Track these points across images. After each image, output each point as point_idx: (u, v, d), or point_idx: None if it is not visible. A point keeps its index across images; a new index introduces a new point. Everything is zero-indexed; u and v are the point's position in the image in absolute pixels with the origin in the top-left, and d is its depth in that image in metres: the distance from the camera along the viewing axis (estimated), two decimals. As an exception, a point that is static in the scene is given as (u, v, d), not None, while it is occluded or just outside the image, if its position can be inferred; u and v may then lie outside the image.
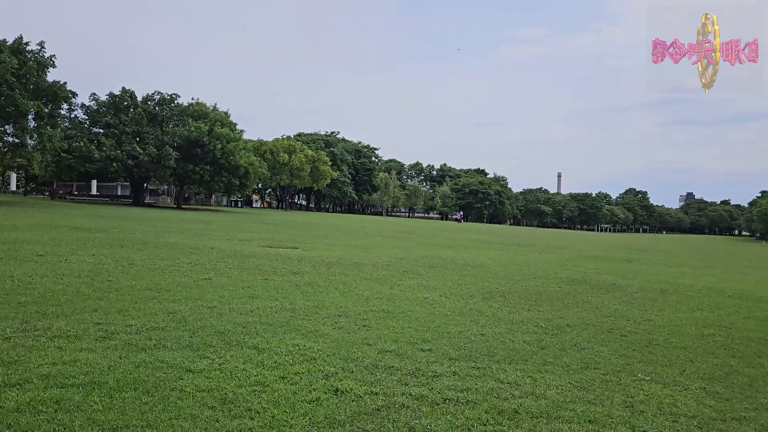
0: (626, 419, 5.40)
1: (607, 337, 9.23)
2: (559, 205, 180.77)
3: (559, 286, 15.55)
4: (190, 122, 59.98)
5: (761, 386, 6.88)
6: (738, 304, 14.26)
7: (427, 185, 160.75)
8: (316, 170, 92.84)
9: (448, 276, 16.10)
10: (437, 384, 6.06)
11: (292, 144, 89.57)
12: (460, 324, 9.50)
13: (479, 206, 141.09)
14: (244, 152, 64.52)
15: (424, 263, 18.91)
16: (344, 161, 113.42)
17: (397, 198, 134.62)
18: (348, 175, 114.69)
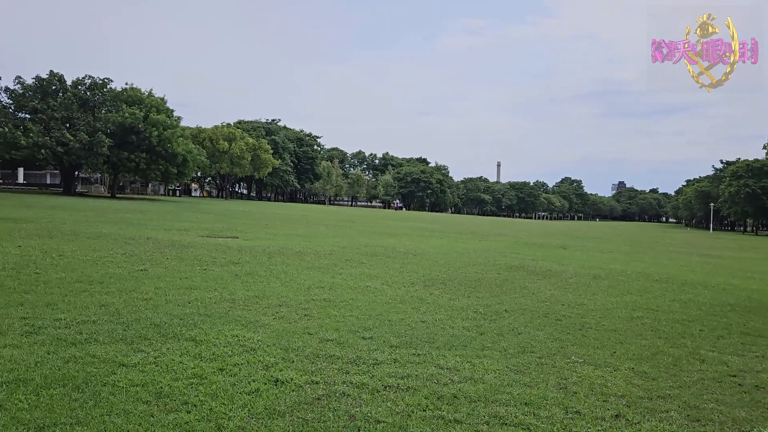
0: (560, 400, 5.59)
1: (543, 322, 9.51)
2: (499, 194, 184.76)
3: (498, 272, 15.90)
4: (124, 108, 57.73)
5: (684, 365, 7.25)
6: (664, 288, 14.97)
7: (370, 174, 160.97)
8: (257, 158, 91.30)
9: (390, 264, 16.19)
10: (378, 371, 6.10)
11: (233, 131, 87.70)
12: (401, 311, 9.58)
13: (421, 195, 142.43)
14: (181, 140, 62.70)
15: (366, 252, 18.95)
16: (286, 149, 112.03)
17: (339, 187, 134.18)
18: (290, 164, 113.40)
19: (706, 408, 5.63)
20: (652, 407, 5.57)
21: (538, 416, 5.14)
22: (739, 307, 12.50)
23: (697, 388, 6.28)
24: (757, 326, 10.30)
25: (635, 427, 5.04)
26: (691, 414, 5.44)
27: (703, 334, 9.35)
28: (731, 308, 12.30)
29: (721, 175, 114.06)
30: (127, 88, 62.93)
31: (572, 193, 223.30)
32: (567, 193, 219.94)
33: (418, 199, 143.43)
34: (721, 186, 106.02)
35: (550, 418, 5.12)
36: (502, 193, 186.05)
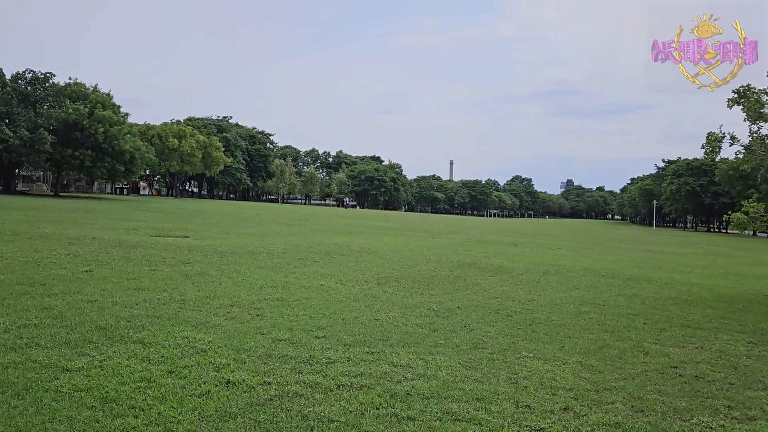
0: (511, 395, 5.69)
1: (494, 318, 9.66)
2: (452, 192, 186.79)
3: (451, 270, 16.07)
4: (68, 104, 55.70)
5: (629, 358, 7.50)
6: (610, 283, 15.44)
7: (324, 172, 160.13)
8: (208, 156, 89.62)
9: (344, 262, 16.17)
10: (331, 370, 6.08)
11: (183, 129, 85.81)
12: (355, 310, 9.57)
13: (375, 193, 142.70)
14: (129, 137, 61.00)
15: (320, 250, 18.86)
16: (238, 147, 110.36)
17: (293, 185, 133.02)
18: (242, 162, 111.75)
19: (649, 399, 5.83)
20: (598, 399, 5.74)
21: (490, 411, 5.22)
22: (679, 301, 13.00)
23: (641, 380, 6.49)
24: (696, 319, 10.74)
25: (582, 419, 5.17)
26: (635, 405, 5.62)
27: (647, 327, 9.69)
28: (672, 302, 12.79)
29: (663, 173, 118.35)
30: (71, 83, 60.74)
31: (523, 191, 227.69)
32: (518, 191, 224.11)
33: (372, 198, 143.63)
34: (663, 184, 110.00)
35: (501, 412, 5.21)
36: (455, 192, 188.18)
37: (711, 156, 14.19)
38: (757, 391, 6.28)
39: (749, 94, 12.93)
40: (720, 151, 13.68)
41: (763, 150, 13.13)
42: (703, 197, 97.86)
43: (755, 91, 12.96)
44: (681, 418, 5.33)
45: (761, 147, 13.13)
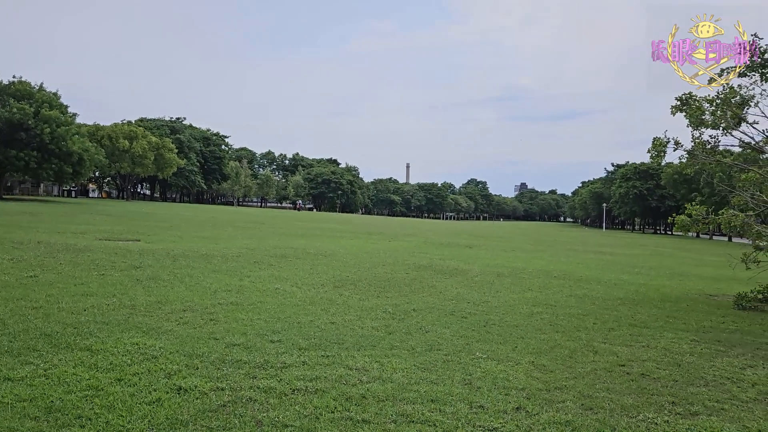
0: (465, 396, 5.76)
1: (449, 320, 9.76)
2: (408, 195, 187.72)
3: (407, 272, 16.15)
4: (12, 103, 53.56)
5: (579, 357, 7.69)
6: (562, 284, 15.79)
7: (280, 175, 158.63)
8: (160, 158, 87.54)
9: (300, 266, 16.06)
10: (286, 375, 6.03)
11: (134, 129, 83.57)
12: (310, 313, 9.52)
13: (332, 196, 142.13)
14: (77, 137, 59.01)
15: (276, 253, 18.68)
16: (192, 149, 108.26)
17: (248, 187, 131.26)
18: (196, 164, 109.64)
19: (598, 397, 5.99)
20: (549, 398, 5.86)
21: (444, 412, 5.27)
22: (628, 301, 13.40)
23: (591, 378, 6.66)
24: (644, 318, 11.09)
25: (534, 418, 5.28)
26: (585, 403, 5.76)
27: (596, 327, 9.95)
28: (621, 302, 13.17)
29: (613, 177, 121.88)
30: (15, 82, 58.38)
31: (478, 194, 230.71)
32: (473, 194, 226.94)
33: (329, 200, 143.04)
34: (613, 187, 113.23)
35: (455, 413, 5.27)
36: (411, 194, 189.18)
37: (657, 160, 14.67)
38: (699, 387, 6.53)
39: (691, 101, 13.44)
40: (665, 155, 14.17)
41: (704, 155, 13.67)
42: (650, 200, 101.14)
43: (697, 98, 13.49)
44: (628, 415, 5.49)
45: (703, 152, 13.66)
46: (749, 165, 14.10)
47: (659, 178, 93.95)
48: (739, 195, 14.04)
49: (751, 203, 13.64)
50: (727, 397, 6.16)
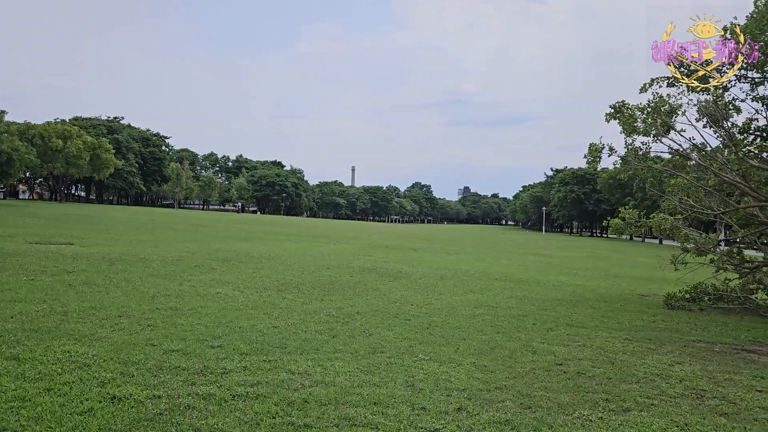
0: (407, 398, 5.79)
1: (393, 322, 9.81)
2: (354, 198, 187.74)
3: (351, 275, 16.14)
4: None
5: (519, 357, 7.86)
6: (503, 286, 16.13)
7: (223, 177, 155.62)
8: (97, 158, 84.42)
9: (243, 269, 15.80)
10: (226, 381, 5.91)
11: (68, 129, 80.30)
12: (253, 317, 9.38)
13: (276, 198, 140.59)
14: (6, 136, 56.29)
15: (218, 257, 18.31)
16: (130, 149, 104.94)
17: (190, 189, 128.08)
18: (135, 165, 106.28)
19: (536, 395, 6.13)
20: (490, 398, 5.97)
21: (387, 415, 5.29)
22: (565, 302, 13.81)
23: (529, 378, 6.82)
24: (580, 318, 11.45)
25: (475, 418, 5.36)
26: (524, 402, 5.89)
27: (536, 327, 10.20)
28: (559, 303, 13.56)
29: (552, 181, 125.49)
30: (-63, 76, 55.21)
31: (422, 197, 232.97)
32: (418, 198, 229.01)
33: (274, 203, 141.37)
34: (552, 191, 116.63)
35: (397, 415, 5.29)
36: (357, 197, 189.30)
37: (593, 165, 15.20)
38: (631, 384, 6.79)
39: (624, 109, 14.00)
40: (600, 160, 14.70)
41: (636, 161, 14.25)
42: (586, 204, 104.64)
43: (629, 106, 14.06)
44: (564, 413, 5.65)
45: (635, 158, 14.24)
46: (678, 171, 14.79)
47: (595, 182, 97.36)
48: (669, 199, 14.71)
49: (679, 207, 14.30)
50: (656, 393, 6.42)
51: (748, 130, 14.29)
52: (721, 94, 13.62)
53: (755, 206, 13.76)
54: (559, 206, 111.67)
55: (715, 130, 13.87)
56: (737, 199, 14.89)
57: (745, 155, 13.91)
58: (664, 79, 13.46)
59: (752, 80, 12.83)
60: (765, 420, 5.66)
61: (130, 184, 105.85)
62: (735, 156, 13.79)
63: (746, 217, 14.55)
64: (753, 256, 15.19)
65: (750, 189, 13.23)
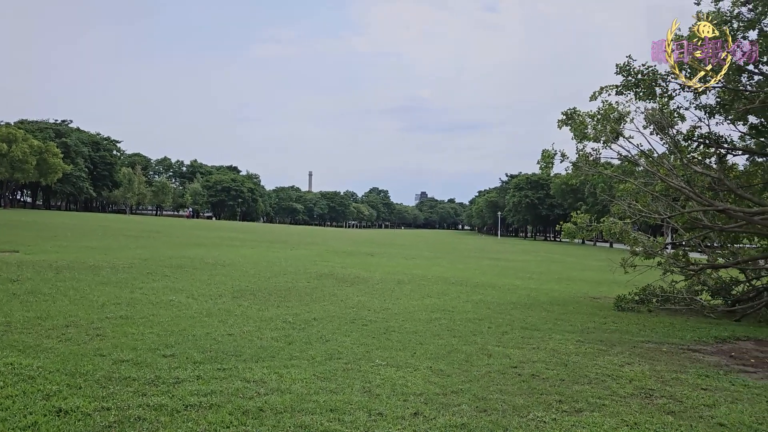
0: (364, 404, 5.77)
1: (350, 328, 9.77)
2: (311, 203, 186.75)
3: (308, 281, 16.03)
4: None
5: (475, 361, 7.94)
6: (459, 290, 16.29)
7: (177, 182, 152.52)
8: (44, 163, 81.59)
9: (197, 276, 15.50)
10: (179, 391, 5.77)
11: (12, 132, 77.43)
12: (207, 325, 9.20)
13: (232, 204, 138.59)
14: (-56, 139, 53.86)
15: (171, 264, 17.92)
16: (80, 154, 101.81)
17: (143, 195, 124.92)
18: (85, 170, 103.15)
19: (491, 398, 6.20)
20: (446, 402, 6.00)
21: (343, 421, 5.25)
22: (520, 305, 14.03)
23: (485, 381, 6.89)
24: (534, 321, 11.65)
25: (431, 422, 5.38)
26: (479, 405, 5.95)
27: (491, 330, 10.33)
28: (514, 306, 13.77)
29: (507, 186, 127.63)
30: None
31: (380, 202, 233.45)
32: (375, 203, 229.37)
33: (229, 209, 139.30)
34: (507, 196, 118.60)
35: (354, 422, 5.26)
36: (314, 203, 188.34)
37: (546, 171, 15.55)
38: (584, 385, 6.93)
39: (575, 116, 14.38)
40: (553, 166, 15.05)
41: (587, 166, 14.64)
42: (540, 209, 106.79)
43: (580, 113, 14.44)
44: (519, 415, 5.73)
45: (586, 164, 14.63)
46: (626, 176, 15.26)
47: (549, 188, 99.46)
48: (618, 204, 15.15)
49: (628, 212, 14.75)
50: (607, 393, 6.58)
51: (692, 138, 14.85)
52: (666, 103, 14.12)
53: (699, 210, 14.30)
54: (513, 211, 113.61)
55: (662, 137, 14.37)
56: (682, 204, 15.45)
57: (690, 161, 14.45)
58: (612, 88, 13.88)
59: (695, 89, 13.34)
60: (709, 417, 5.86)
61: (79, 189, 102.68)
62: (680, 162, 14.32)
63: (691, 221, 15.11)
64: (697, 258, 15.77)
65: (694, 194, 13.74)
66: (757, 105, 12.49)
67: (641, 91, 13.72)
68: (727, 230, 14.46)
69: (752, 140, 14.86)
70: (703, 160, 15.22)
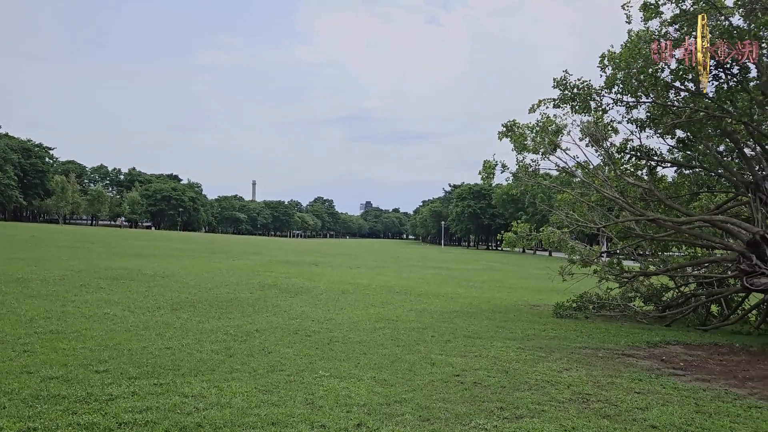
0: (306, 416, 5.69)
1: (293, 339, 9.65)
2: (254, 213, 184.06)
3: (251, 291, 15.76)
4: None
5: (418, 370, 7.97)
6: (403, 299, 16.36)
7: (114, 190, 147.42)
8: (-33, 170, 77.34)
9: (134, 288, 14.99)
10: (112, 408, 5.54)
11: (-67, 137, 73.09)
12: (144, 339, 8.90)
13: (173, 213, 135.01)
14: None
15: (107, 275, 17.27)
16: (8, 161, 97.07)
17: (77, 204, 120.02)
18: (14, 178, 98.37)
19: (434, 407, 6.23)
20: (389, 412, 5.99)
21: (285, 434, 5.17)
22: (463, 313, 14.21)
23: (428, 390, 6.93)
24: (476, 329, 11.82)
25: (374, 432, 5.36)
26: (423, 414, 5.97)
27: (434, 339, 10.41)
28: (457, 314, 13.93)
29: (450, 196, 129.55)
30: None
31: (325, 212, 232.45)
32: (320, 212, 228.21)
33: (170, 218, 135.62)
34: (450, 206, 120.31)
35: (296, 434, 5.18)
36: (258, 212, 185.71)
37: (487, 181, 15.87)
38: (524, 391, 7.07)
39: (515, 128, 14.76)
40: (494, 176, 15.39)
41: (527, 177, 15.04)
42: (483, 218, 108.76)
43: (520, 125, 14.84)
44: (461, 423, 5.78)
45: (525, 174, 15.02)
46: (564, 187, 15.76)
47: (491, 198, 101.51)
48: (556, 214, 15.61)
49: (566, 221, 15.21)
50: (547, 399, 6.72)
51: (625, 150, 15.47)
52: (600, 116, 14.68)
53: (631, 220, 14.89)
54: (457, 221, 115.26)
55: (597, 150, 14.92)
56: (617, 214, 16.06)
57: (623, 173, 15.05)
58: (550, 101, 14.33)
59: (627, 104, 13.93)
60: (642, 420, 6.07)
61: (8, 198, 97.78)
62: (614, 173, 14.89)
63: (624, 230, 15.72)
64: (631, 266, 16.40)
65: (627, 204, 14.31)
66: (683, 120, 13.14)
67: (577, 105, 14.21)
68: (658, 239, 15.11)
69: (680, 153, 15.61)
70: (635, 172, 15.87)
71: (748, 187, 13.05)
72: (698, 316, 14.68)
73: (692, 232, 14.12)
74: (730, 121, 13.02)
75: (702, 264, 15.30)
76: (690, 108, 12.99)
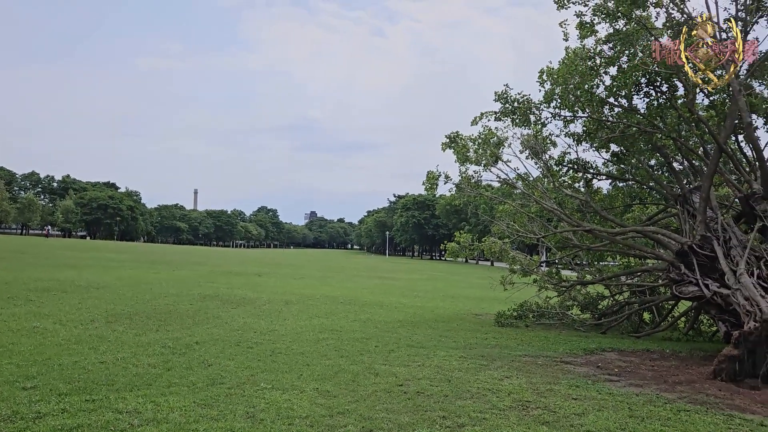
0: (247, 430, 5.58)
1: (234, 351, 9.45)
2: (196, 222, 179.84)
3: (191, 303, 15.37)
4: None
5: (362, 380, 7.94)
6: (348, 309, 16.31)
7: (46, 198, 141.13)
8: None
9: (66, 300, 14.37)
10: (40, 426, 5.28)
11: None
12: (76, 353, 8.53)
13: (109, 222, 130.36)
14: None
15: (37, 287, 16.48)
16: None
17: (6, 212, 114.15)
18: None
19: (377, 418, 6.22)
20: (332, 424, 5.94)
21: (224, 449, 5.04)
22: (406, 323, 14.28)
23: (372, 400, 6.91)
24: (420, 339, 11.89)
25: (316, 445, 5.30)
26: (366, 425, 5.95)
27: (378, 349, 10.41)
28: (401, 324, 13.99)
29: (395, 207, 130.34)
30: None
31: (269, 221, 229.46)
32: (264, 222, 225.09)
33: (106, 227, 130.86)
34: (395, 216, 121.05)
35: (236, 449, 5.07)
36: (200, 222, 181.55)
37: (431, 192, 16.08)
38: (466, 400, 7.15)
39: (458, 140, 15.03)
40: (437, 187, 15.60)
41: (469, 188, 15.32)
42: (426, 229, 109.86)
43: (463, 137, 15.12)
44: (404, 432, 5.79)
45: (468, 186, 15.30)
46: (505, 198, 16.12)
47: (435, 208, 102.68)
48: (498, 224, 15.94)
49: (507, 232, 15.56)
50: (488, 407, 6.81)
51: (563, 163, 15.98)
52: (540, 130, 15.13)
53: (569, 230, 15.37)
54: (401, 231, 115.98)
55: (536, 162, 15.36)
56: (555, 225, 16.57)
57: (561, 185, 15.55)
58: (492, 114, 14.67)
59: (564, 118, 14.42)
60: (579, 425, 6.24)
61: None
62: (552, 185, 15.35)
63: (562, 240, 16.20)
64: (569, 275, 16.90)
65: (565, 215, 14.77)
66: (617, 135, 13.70)
67: (517, 118, 14.61)
68: (594, 249, 15.65)
69: (614, 166, 16.24)
70: (572, 184, 16.41)
71: (677, 199, 13.71)
72: (632, 323, 15.25)
73: (626, 242, 14.69)
74: (660, 137, 13.67)
75: (635, 273, 15.94)
76: (623, 123, 13.56)
